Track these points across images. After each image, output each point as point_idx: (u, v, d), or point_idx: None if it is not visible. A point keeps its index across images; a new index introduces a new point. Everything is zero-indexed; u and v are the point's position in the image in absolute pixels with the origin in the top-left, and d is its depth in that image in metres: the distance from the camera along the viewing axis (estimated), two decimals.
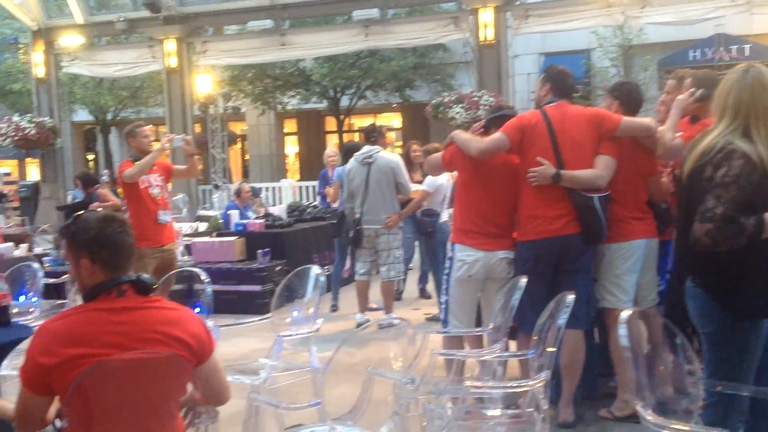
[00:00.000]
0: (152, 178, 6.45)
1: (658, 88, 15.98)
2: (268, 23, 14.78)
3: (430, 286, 8.77)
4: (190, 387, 2.75)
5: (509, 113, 4.91)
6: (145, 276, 2.62)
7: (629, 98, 4.77)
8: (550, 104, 4.63)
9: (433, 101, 13.04)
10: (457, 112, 12.25)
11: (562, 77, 4.75)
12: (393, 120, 26.28)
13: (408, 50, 19.44)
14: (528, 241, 4.59)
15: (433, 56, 20.67)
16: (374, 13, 13.95)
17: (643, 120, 4.63)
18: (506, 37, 13.18)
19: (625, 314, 2.77)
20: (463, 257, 4.72)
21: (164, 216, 6.46)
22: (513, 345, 4.84)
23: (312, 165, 23.03)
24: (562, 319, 3.37)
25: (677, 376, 3.25)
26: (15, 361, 3.96)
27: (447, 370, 4.74)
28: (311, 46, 15.15)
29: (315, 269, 4.64)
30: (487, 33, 12.62)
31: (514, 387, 3.54)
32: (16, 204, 15.87)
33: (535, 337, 3.54)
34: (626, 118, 4.57)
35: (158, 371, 2.51)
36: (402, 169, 7.53)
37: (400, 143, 21.86)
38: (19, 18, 16.09)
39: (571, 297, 3.43)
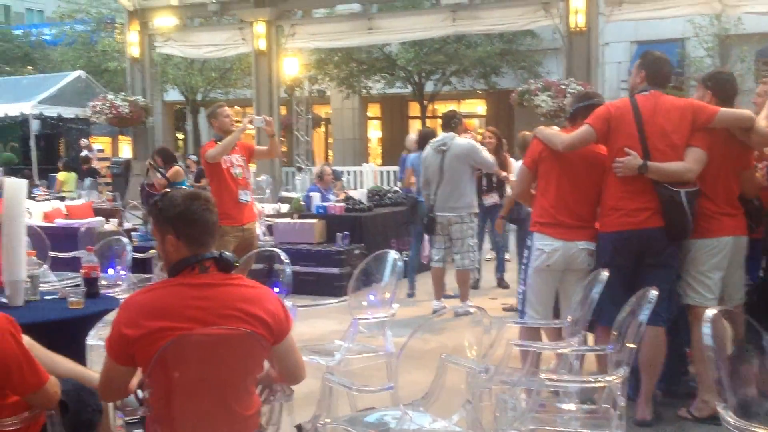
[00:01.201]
0: (234, 158, 6.56)
1: (755, 79, 15.36)
2: (355, 7, 14.84)
3: (509, 276, 8.70)
4: (266, 365, 2.80)
5: (597, 102, 4.78)
6: (227, 254, 2.68)
7: (723, 89, 4.58)
8: (643, 93, 4.50)
9: (519, 88, 12.84)
10: (543, 100, 12.04)
11: (659, 65, 4.60)
12: (477, 107, 26.06)
13: (495, 36, 19.20)
14: (608, 233, 4.49)
15: (521, 42, 20.37)
16: None
17: (743, 111, 4.43)
18: (597, 24, 12.85)
19: (709, 313, 2.68)
20: (542, 246, 4.64)
21: (244, 196, 6.57)
22: (591, 338, 4.75)
23: (394, 150, 23.05)
24: (644, 314, 3.28)
25: (762, 377, 3.13)
26: (102, 331, 4.11)
27: (522, 361, 4.69)
28: (398, 30, 15.13)
29: (393, 254, 4.64)
30: (578, 19, 12.33)
31: (591, 382, 3.48)
32: (108, 180, 16.45)
33: (614, 332, 3.46)
34: (724, 110, 4.39)
35: (236, 347, 2.57)
36: (477, 149, 7.43)
37: (482, 130, 21.64)
38: None
39: (654, 293, 3.34)
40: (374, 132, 27.85)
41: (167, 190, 2.77)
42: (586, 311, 3.99)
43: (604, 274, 3.99)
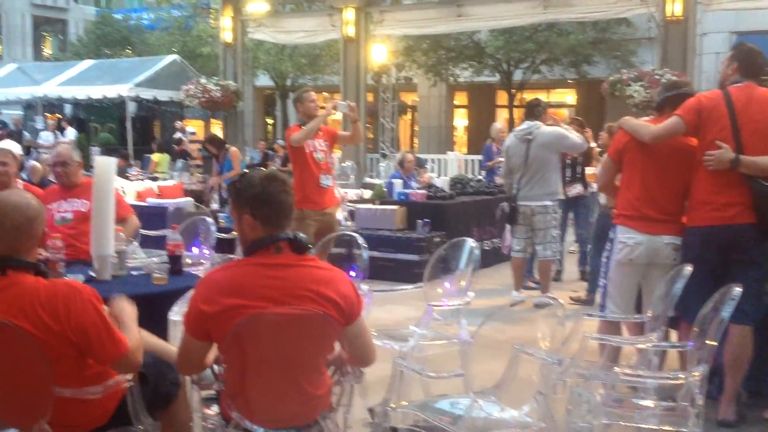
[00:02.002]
0: (317, 143, 6.62)
1: None
2: None
3: None
4: (338, 346, 2.83)
5: (687, 92, 4.62)
6: (302, 235, 2.71)
7: None
8: (736, 84, 4.33)
9: (611, 78, 12.54)
10: (636, 91, 11.72)
11: (753, 56, 4.42)
12: (567, 96, 25.61)
13: (588, 24, 18.77)
14: (696, 227, 4.34)
15: (615, 31, 19.86)
16: None
17: None
18: (695, 12, 12.40)
19: None
20: (625, 239, 4.53)
21: (326, 180, 6.63)
22: (675, 335, 4.63)
23: (480, 139, 22.89)
24: (726, 311, 3.16)
25: None
26: (184, 308, 4.23)
27: (600, 355, 4.61)
28: (488, 17, 14.96)
29: (470, 242, 4.61)
30: (675, 8, 11.92)
31: (667, 378, 3.38)
32: (199, 162, 16.87)
33: (696, 329, 3.36)
34: None
35: (308, 327, 2.60)
36: (564, 134, 7.26)
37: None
38: None
39: (737, 290, 3.22)
40: (460, 120, 27.70)
41: (246, 171, 2.81)
42: (667, 306, 3.88)
43: (688, 269, 3.87)
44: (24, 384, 2.58)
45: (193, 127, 25.71)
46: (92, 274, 3.97)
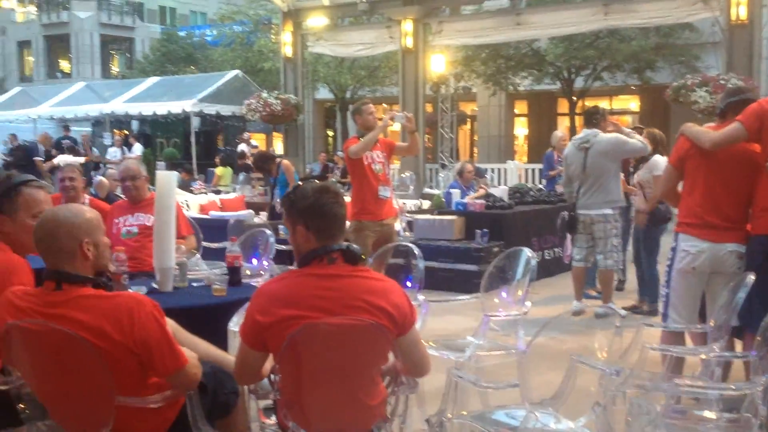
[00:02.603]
0: (375, 154, 6.65)
1: None
2: (504, 2, 14.73)
3: None
4: (392, 356, 2.84)
5: (750, 97, 4.51)
6: (354, 246, 2.73)
7: None
8: None
9: (675, 84, 12.31)
10: (701, 96, 11.49)
11: None
12: (630, 103, 25.22)
13: (650, 29, 18.46)
14: (760, 236, 4.23)
15: (678, 36, 19.49)
16: None
17: None
18: (761, 16, 12.10)
19: None
20: (687, 248, 4.44)
21: (384, 192, 6.66)
22: (739, 345, 4.51)
23: (541, 147, 22.70)
24: None
25: None
26: (242, 319, 4.30)
27: (663, 366, 4.51)
28: (548, 25, 14.86)
29: (527, 252, 4.58)
30: (740, 11, 11.66)
31: (730, 389, 3.29)
32: (260, 175, 17.09)
33: (759, 338, 3.27)
34: None
35: (361, 337, 2.62)
36: (624, 140, 7.11)
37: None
38: (273, 0, 17.21)
39: None
40: (521, 129, 27.51)
41: (299, 183, 2.84)
42: (730, 316, 3.79)
43: (751, 277, 3.77)
44: (87, 393, 2.64)
45: (256, 140, 26.12)
46: (154, 285, 4.06)
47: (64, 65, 43.92)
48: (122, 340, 2.60)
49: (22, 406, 2.80)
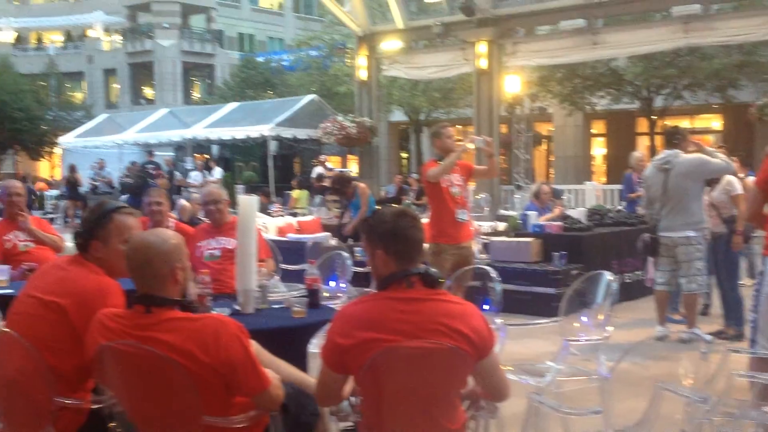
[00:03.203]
0: (453, 177, 6.66)
1: None
2: (580, 22, 14.56)
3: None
4: (471, 380, 2.84)
5: None
6: (433, 270, 2.75)
7: None
8: None
9: (759, 102, 11.97)
10: None
11: None
12: (712, 122, 24.59)
13: (733, 47, 17.97)
14: None
15: (762, 53, 18.91)
16: (696, 8, 13.13)
17: None
18: None
19: None
20: None
21: (462, 214, 6.65)
22: None
23: (620, 168, 22.28)
24: None
25: None
26: (321, 341, 4.35)
27: (751, 393, 4.36)
28: (625, 44, 14.65)
29: (607, 275, 4.51)
30: None
31: None
32: (336, 197, 17.30)
33: None
34: None
35: (440, 361, 2.62)
36: (706, 160, 6.93)
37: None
38: (347, 25, 17.49)
39: None
40: (598, 149, 27.10)
41: (378, 208, 2.88)
42: None
43: None
44: (175, 413, 2.72)
45: (331, 163, 26.42)
46: (237, 307, 4.15)
47: (148, 92, 45.41)
48: (208, 361, 2.66)
49: (114, 424, 2.90)
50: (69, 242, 6.39)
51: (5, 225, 5.97)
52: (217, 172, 20.15)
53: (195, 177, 19.83)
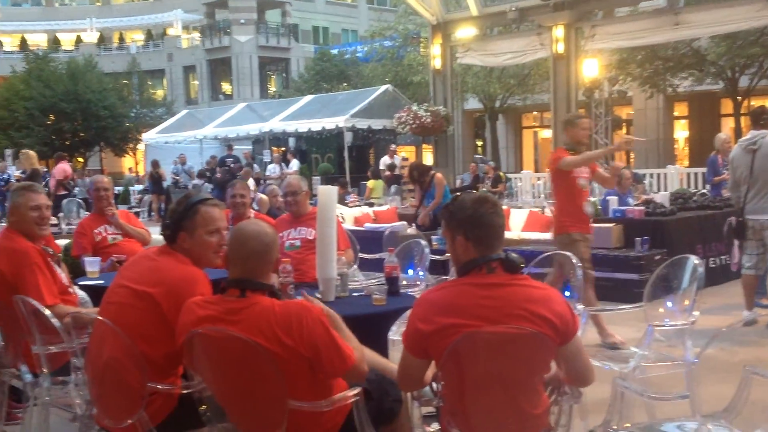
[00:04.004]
0: (582, 170, 6.43)
1: None
2: (661, 2, 14.20)
3: None
4: (554, 365, 2.82)
5: None
6: (513, 255, 2.74)
7: None
8: None
9: None
10: None
11: None
12: None
13: None
14: None
15: None
16: None
17: None
18: None
19: None
20: None
21: (587, 207, 6.48)
22: None
23: (704, 151, 21.67)
24: None
25: None
26: (402, 327, 4.39)
27: None
28: (708, 24, 14.15)
29: (693, 259, 4.39)
30: None
31: None
32: (411, 187, 17.34)
33: None
34: None
35: (522, 346, 2.62)
36: None
37: None
38: (421, 14, 17.43)
39: None
40: (681, 132, 26.40)
41: (457, 194, 2.89)
42: None
43: None
44: (262, 397, 2.80)
45: (406, 153, 26.46)
46: (318, 295, 4.21)
47: (226, 87, 46.34)
48: (293, 345, 2.73)
49: (204, 408, 3.00)
50: (154, 235, 6.63)
51: (95, 219, 6.21)
52: (294, 165, 20.41)
53: (273, 169, 20.14)
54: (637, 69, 20.46)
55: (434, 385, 2.95)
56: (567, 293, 4.35)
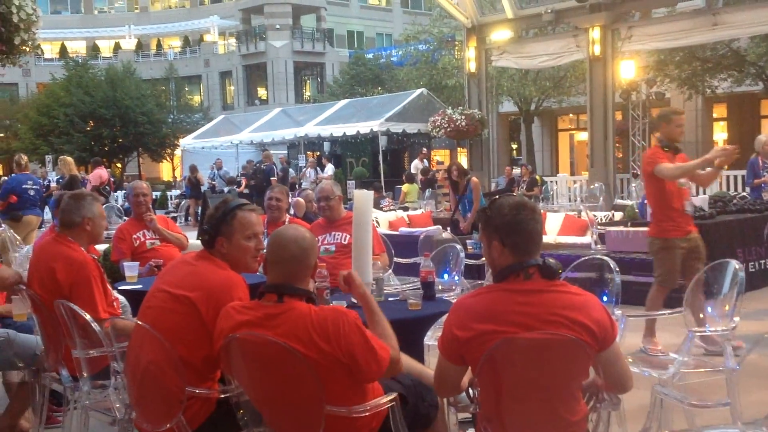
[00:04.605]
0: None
1: None
2: (699, 3, 14.01)
3: None
4: (592, 372, 2.79)
5: None
6: (551, 261, 2.72)
7: None
8: None
9: None
10: None
11: None
12: None
13: None
14: None
15: None
16: None
17: None
18: None
19: None
20: None
21: (689, 207, 6.23)
22: None
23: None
24: None
25: None
26: (437, 332, 4.38)
27: None
28: (747, 24, 13.93)
29: (734, 263, 4.32)
30: None
31: None
32: (446, 190, 17.32)
33: None
34: None
35: (560, 353, 2.60)
36: None
37: None
38: (456, 17, 17.41)
39: None
40: (720, 134, 25.99)
41: (495, 198, 2.87)
42: None
43: None
44: (299, 402, 2.81)
45: (440, 156, 26.42)
46: (353, 300, 4.22)
47: (262, 92, 46.68)
48: (330, 350, 2.74)
49: (241, 412, 3.02)
50: (192, 239, 6.69)
51: (133, 224, 6.29)
52: (329, 169, 20.51)
53: (308, 174, 20.23)
54: (675, 70, 20.21)
55: (471, 391, 2.94)
56: (605, 298, 4.31)
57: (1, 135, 40.10)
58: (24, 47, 6.15)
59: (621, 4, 14.79)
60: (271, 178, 17.93)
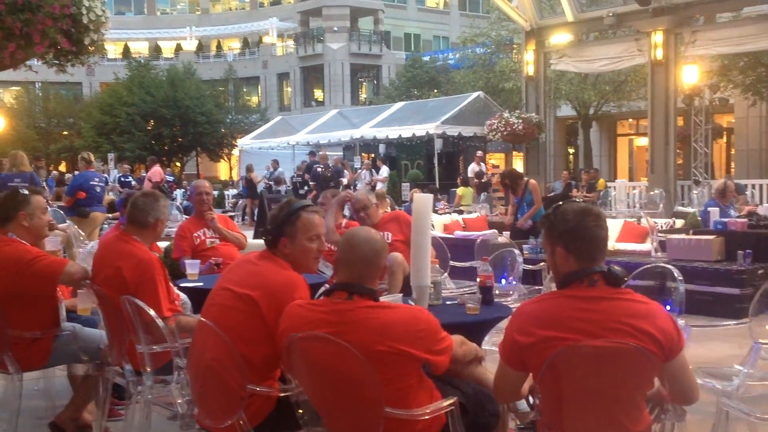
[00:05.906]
0: None
1: None
2: (765, 8, 13.67)
3: None
4: (657, 382, 2.74)
5: None
6: (616, 268, 2.68)
7: None
8: None
9: None
10: None
11: None
12: None
13: None
14: None
15: None
16: None
17: None
18: None
19: None
20: None
21: None
22: None
23: None
24: None
25: None
26: (495, 337, 4.36)
27: None
28: None
29: None
30: None
31: None
32: (501, 194, 17.21)
33: None
34: None
35: (625, 362, 2.55)
36: None
37: None
38: (515, 20, 17.31)
39: None
40: None
41: (560, 203, 2.83)
42: None
43: None
44: (358, 403, 2.82)
45: (495, 160, 26.25)
46: (411, 303, 4.22)
47: (318, 94, 47.03)
48: (405, 349, 2.77)
49: (301, 411, 3.04)
50: (250, 239, 6.76)
51: (194, 222, 6.39)
52: (384, 171, 20.53)
53: (362, 176, 20.30)
54: (739, 76, 19.77)
55: (531, 398, 2.91)
56: (668, 307, 4.23)
57: (65, 133, 41.13)
58: (92, 47, 6.27)
59: (685, 8, 14.52)
60: (340, 179, 18.05)
